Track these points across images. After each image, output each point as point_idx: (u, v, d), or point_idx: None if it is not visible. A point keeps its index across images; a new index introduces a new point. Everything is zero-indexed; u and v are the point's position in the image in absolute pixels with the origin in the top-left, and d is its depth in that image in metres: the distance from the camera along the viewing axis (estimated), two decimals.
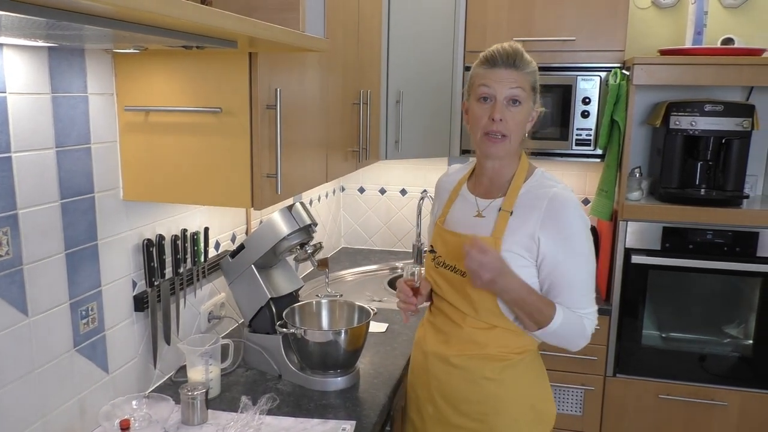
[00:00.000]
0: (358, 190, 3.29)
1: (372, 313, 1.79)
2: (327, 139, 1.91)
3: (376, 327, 2.13)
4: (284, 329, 1.69)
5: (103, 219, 1.46)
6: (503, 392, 1.50)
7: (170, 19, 0.84)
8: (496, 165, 1.51)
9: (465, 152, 2.76)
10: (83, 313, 1.42)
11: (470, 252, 1.36)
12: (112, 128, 1.48)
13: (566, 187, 1.49)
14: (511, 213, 1.45)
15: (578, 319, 1.46)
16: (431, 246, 1.61)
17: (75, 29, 0.89)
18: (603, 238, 2.76)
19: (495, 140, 1.45)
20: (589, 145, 2.63)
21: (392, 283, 2.71)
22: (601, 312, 2.49)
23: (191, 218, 1.81)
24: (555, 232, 1.42)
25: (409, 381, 1.69)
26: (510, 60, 1.43)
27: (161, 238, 1.64)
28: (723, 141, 2.52)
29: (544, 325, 1.43)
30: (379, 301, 2.47)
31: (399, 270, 2.88)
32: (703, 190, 2.56)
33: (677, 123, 2.48)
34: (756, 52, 2.40)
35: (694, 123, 2.47)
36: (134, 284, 1.60)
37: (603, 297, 2.61)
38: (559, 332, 1.44)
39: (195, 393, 1.46)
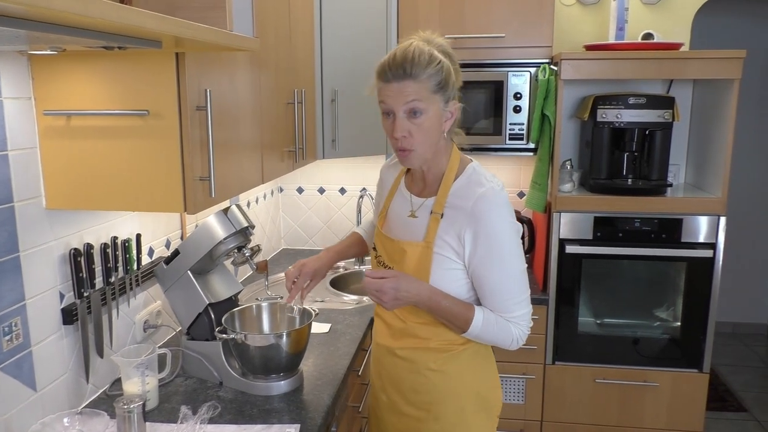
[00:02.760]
0: (297, 190, 3.26)
1: (314, 314, 1.77)
2: (262, 140, 1.88)
3: (319, 328, 2.12)
4: (224, 335, 1.66)
5: (24, 229, 1.39)
6: (447, 382, 1.52)
7: (85, 19, 0.80)
8: (425, 166, 1.49)
9: None
10: (6, 329, 1.34)
11: (365, 282, 1.41)
12: (31, 134, 1.41)
13: (498, 185, 1.44)
14: (442, 215, 1.43)
15: (504, 323, 1.43)
16: (374, 245, 1.62)
17: None
18: (538, 230, 2.83)
19: (404, 154, 1.42)
20: (522, 139, 2.70)
21: (335, 283, 2.70)
22: (538, 302, 2.60)
23: (122, 225, 1.75)
24: (478, 234, 1.39)
25: (371, 376, 1.73)
26: (401, 71, 1.35)
27: (89, 247, 1.58)
28: (647, 132, 2.63)
29: (465, 329, 1.43)
30: (321, 301, 2.45)
31: (341, 269, 2.87)
32: (630, 180, 2.67)
33: (604, 116, 2.58)
34: (674, 47, 2.52)
35: (619, 116, 2.57)
36: (62, 296, 1.53)
37: (540, 287, 2.69)
38: (483, 336, 1.44)
39: (131, 406, 1.41)
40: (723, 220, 2.49)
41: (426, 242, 1.44)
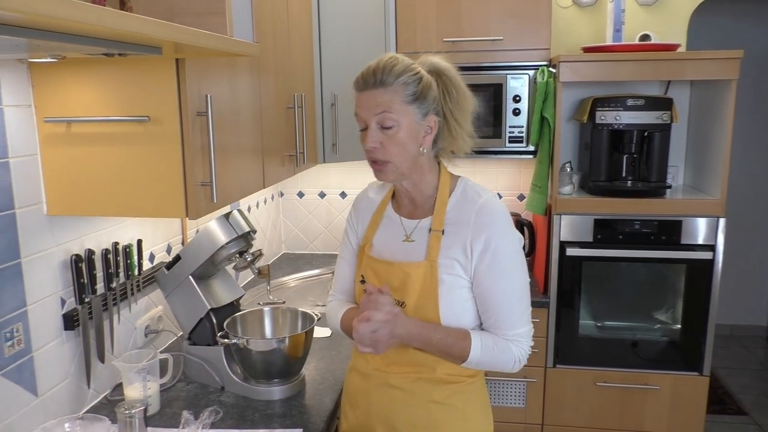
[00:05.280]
0: (298, 194, 3.26)
1: (316, 318, 1.78)
2: (262, 145, 1.88)
3: (321, 332, 2.12)
4: (226, 340, 1.66)
5: (25, 236, 1.40)
6: (451, 417, 1.40)
7: (86, 26, 0.81)
8: (409, 184, 1.40)
9: None
10: (7, 335, 1.34)
11: (358, 333, 1.27)
12: (32, 141, 1.41)
13: (494, 196, 1.40)
14: (443, 232, 1.36)
15: (503, 344, 1.35)
16: (362, 276, 1.47)
17: None
18: (539, 233, 2.84)
19: (378, 167, 1.34)
20: (521, 141, 2.70)
21: None
22: (539, 305, 2.60)
23: (123, 231, 1.75)
24: (486, 244, 1.32)
25: (342, 409, 1.57)
26: (372, 79, 1.30)
27: (91, 252, 1.58)
28: (645, 134, 2.63)
29: (464, 358, 1.33)
30: (323, 305, 2.45)
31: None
32: (629, 182, 2.67)
33: (602, 118, 2.58)
34: (671, 48, 2.53)
35: (618, 117, 2.57)
36: (63, 302, 1.53)
37: (541, 290, 2.69)
38: (483, 361, 1.35)
39: (133, 411, 1.41)
40: (722, 221, 2.49)
41: (429, 261, 1.34)
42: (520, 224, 2.92)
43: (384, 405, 1.43)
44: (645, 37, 2.69)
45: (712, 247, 2.51)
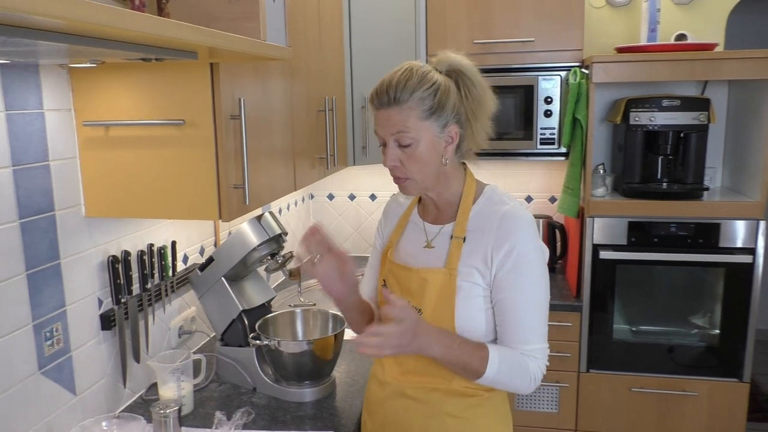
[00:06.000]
0: (328, 197, 3.27)
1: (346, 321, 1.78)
2: (294, 147, 1.90)
3: (351, 334, 2.11)
4: (257, 341, 1.67)
5: (65, 237, 1.43)
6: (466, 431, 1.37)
7: (125, 32, 0.82)
8: (435, 194, 1.38)
9: None
10: (47, 334, 1.38)
11: (382, 337, 1.20)
12: (71, 144, 1.44)
13: (520, 204, 1.35)
14: (464, 239, 1.33)
15: (520, 359, 1.30)
16: (383, 280, 1.47)
17: (27, 45, 0.86)
18: (571, 236, 2.80)
19: (400, 182, 1.33)
20: (553, 143, 2.67)
21: None
22: (572, 309, 2.56)
23: (157, 232, 1.78)
24: (506, 253, 1.28)
25: (363, 417, 1.55)
26: (385, 98, 1.26)
27: (127, 254, 1.61)
28: (681, 135, 2.58)
29: (482, 371, 1.27)
30: None
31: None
32: (664, 184, 2.62)
33: (637, 119, 2.54)
34: (708, 47, 2.47)
35: (652, 118, 2.52)
36: (100, 302, 1.56)
37: (574, 294, 2.65)
38: (500, 377, 1.28)
39: (167, 411, 1.43)
40: (762, 224, 2.42)
41: (448, 269, 1.32)
42: (552, 227, 2.88)
43: (399, 415, 1.41)
44: (681, 36, 2.64)
45: (752, 251, 2.45)
